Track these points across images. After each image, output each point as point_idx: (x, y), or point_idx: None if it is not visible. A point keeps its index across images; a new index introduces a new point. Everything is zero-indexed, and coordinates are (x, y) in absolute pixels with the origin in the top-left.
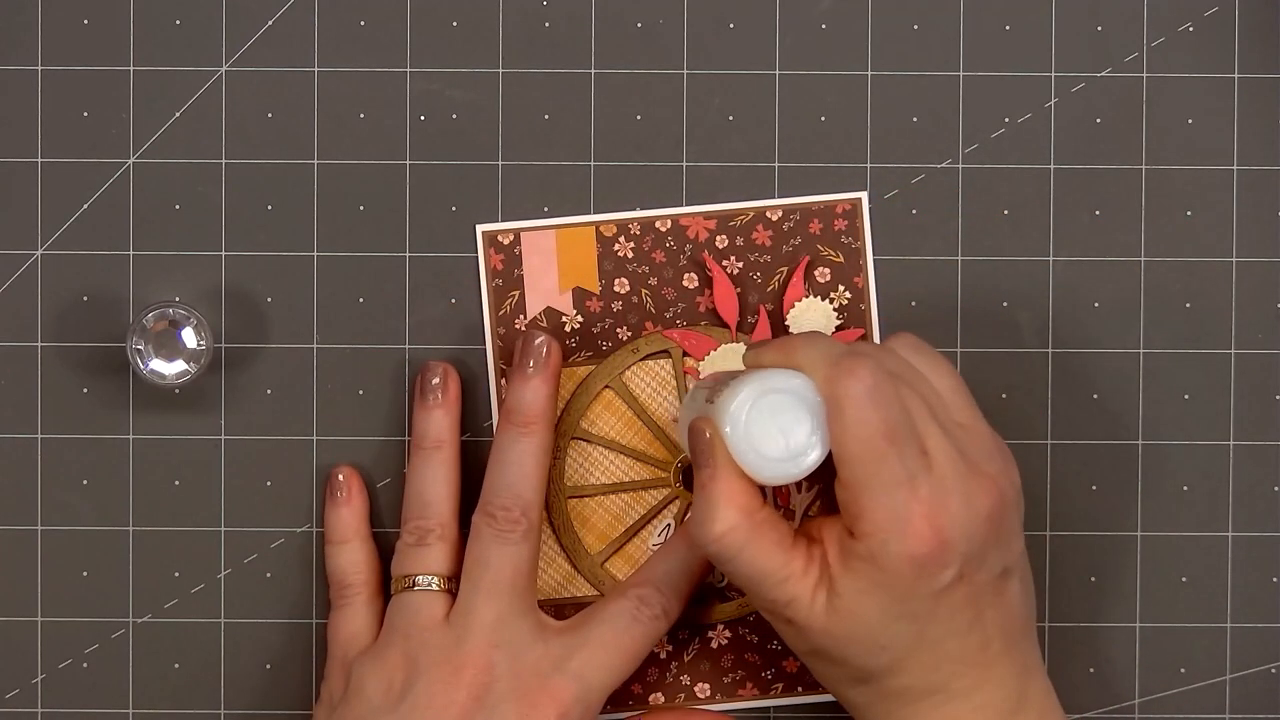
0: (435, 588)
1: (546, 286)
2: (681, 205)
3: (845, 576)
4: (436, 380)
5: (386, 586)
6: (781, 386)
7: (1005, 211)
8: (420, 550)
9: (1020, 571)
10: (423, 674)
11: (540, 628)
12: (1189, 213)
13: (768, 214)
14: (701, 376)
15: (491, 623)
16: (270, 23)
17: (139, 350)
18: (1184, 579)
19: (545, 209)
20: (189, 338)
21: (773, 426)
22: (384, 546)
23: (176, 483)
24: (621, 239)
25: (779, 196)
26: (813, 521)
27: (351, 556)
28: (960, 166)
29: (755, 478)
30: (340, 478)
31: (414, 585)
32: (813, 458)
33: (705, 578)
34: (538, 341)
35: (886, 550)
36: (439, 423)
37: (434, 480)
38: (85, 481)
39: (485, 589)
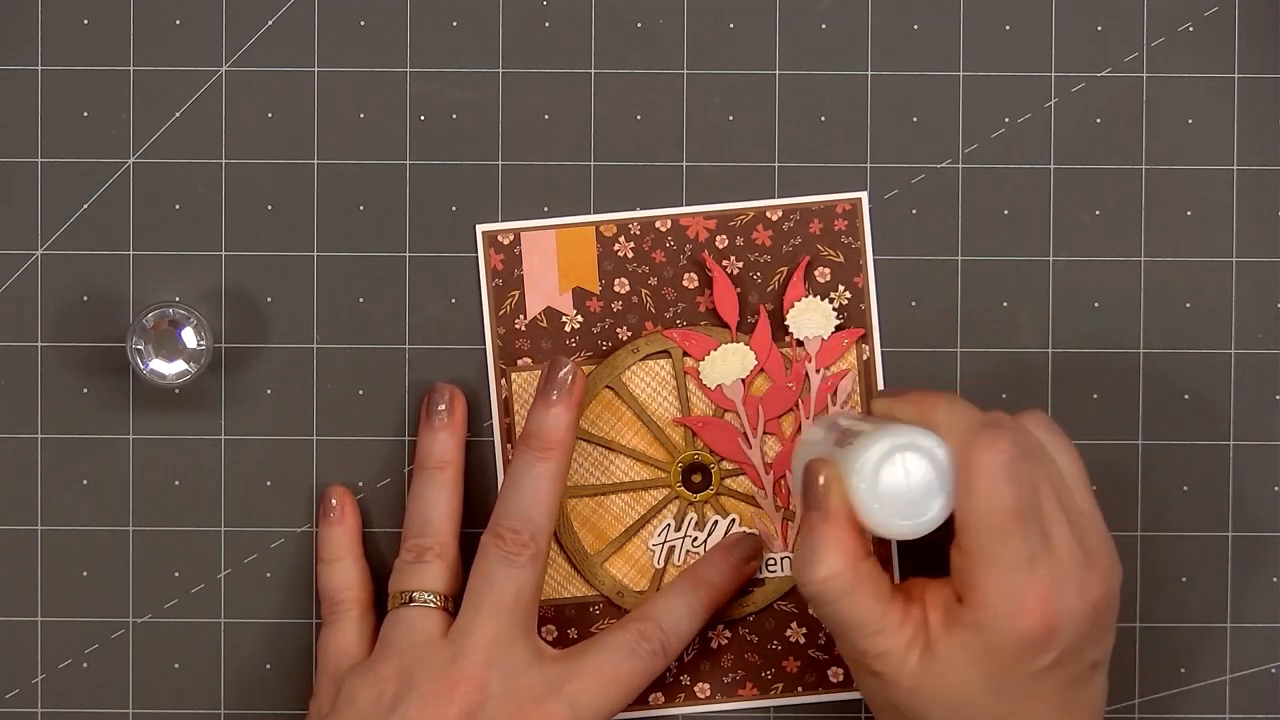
0: (432, 604)
1: (546, 286)
2: (681, 205)
3: (946, 640)
4: (443, 405)
5: (378, 604)
6: (916, 445)
7: (1005, 211)
8: (418, 567)
9: (1105, 667)
10: (415, 688)
11: (538, 653)
12: (1189, 213)
13: (768, 214)
14: (823, 416)
15: (490, 642)
16: (270, 23)
17: (139, 350)
18: (1184, 579)
19: (545, 209)
20: (189, 338)
21: (901, 484)
22: (380, 548)
23: (176, 483)
24: (621, 239)
25: (779, 196)
26: (914, 581)
27: (344, 574)
28: (960, 166)
29: (872, 530)
30: (333, 500)
31: (410, 601)
32: (932, 518)
33: (708, 619)
34: (564, 370)
35: (996, 624)
36: (443, 444)
37: (435, 500)
38: (85, 481)
39: (487, 609)
